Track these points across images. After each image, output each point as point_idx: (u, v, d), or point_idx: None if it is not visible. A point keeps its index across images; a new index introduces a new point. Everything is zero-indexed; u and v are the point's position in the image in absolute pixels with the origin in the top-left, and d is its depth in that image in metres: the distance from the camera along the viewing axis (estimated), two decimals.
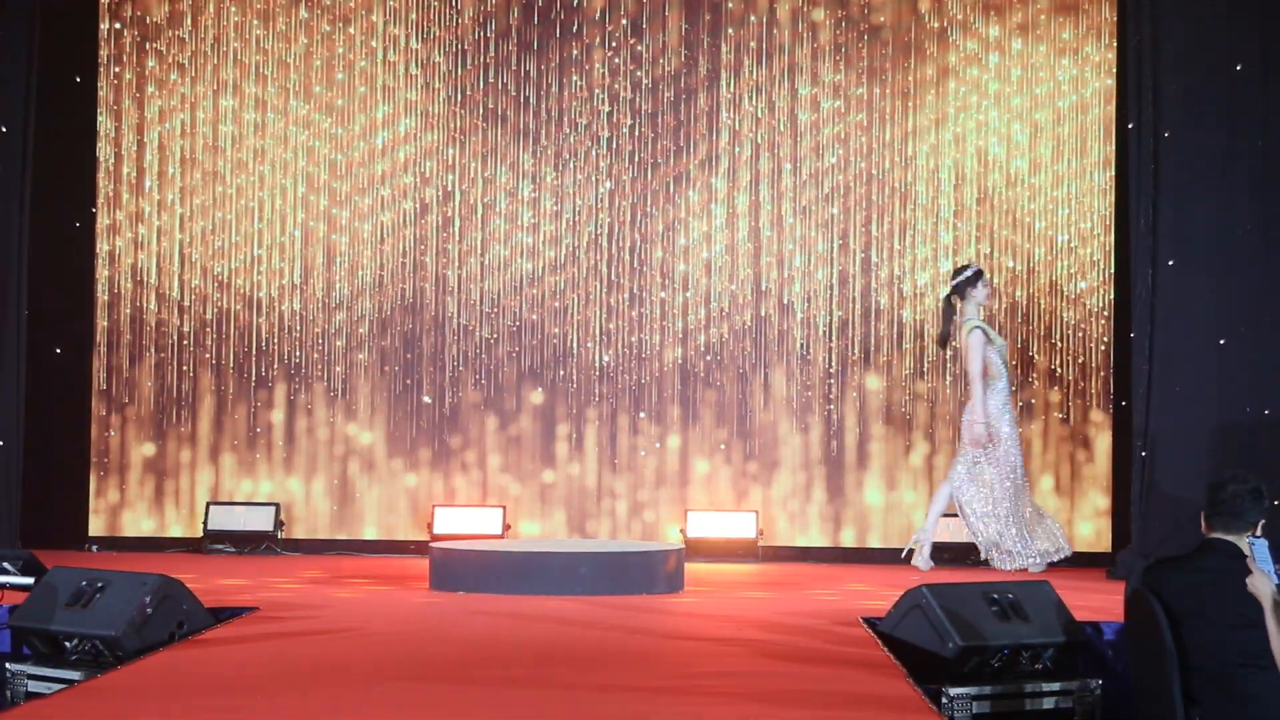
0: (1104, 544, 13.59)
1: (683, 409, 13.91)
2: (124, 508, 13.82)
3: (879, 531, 13.80)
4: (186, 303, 13.82)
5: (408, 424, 13.87)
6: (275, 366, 13.84)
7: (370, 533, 13.83)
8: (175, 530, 13.81)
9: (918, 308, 13.83)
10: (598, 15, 13.96)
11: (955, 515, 12.39)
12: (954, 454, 12.53)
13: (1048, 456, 13.76)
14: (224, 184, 13.89)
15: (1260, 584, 5.92)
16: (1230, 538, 6.35)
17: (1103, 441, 13.71)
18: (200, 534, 13.60)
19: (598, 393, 13.90)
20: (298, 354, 13.85)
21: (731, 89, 13.97)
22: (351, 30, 13.95)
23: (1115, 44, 13.65)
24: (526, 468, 13.89)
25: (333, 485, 13.86)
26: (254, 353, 13.84)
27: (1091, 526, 13.71)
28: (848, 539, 13.83)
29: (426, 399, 13.81)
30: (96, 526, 13.80)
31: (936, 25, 13.90)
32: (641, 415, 13.89)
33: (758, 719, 6.05)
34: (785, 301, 13.90)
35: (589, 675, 7.15)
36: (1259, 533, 6.42)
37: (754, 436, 13.88)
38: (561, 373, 13.90)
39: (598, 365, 13.90)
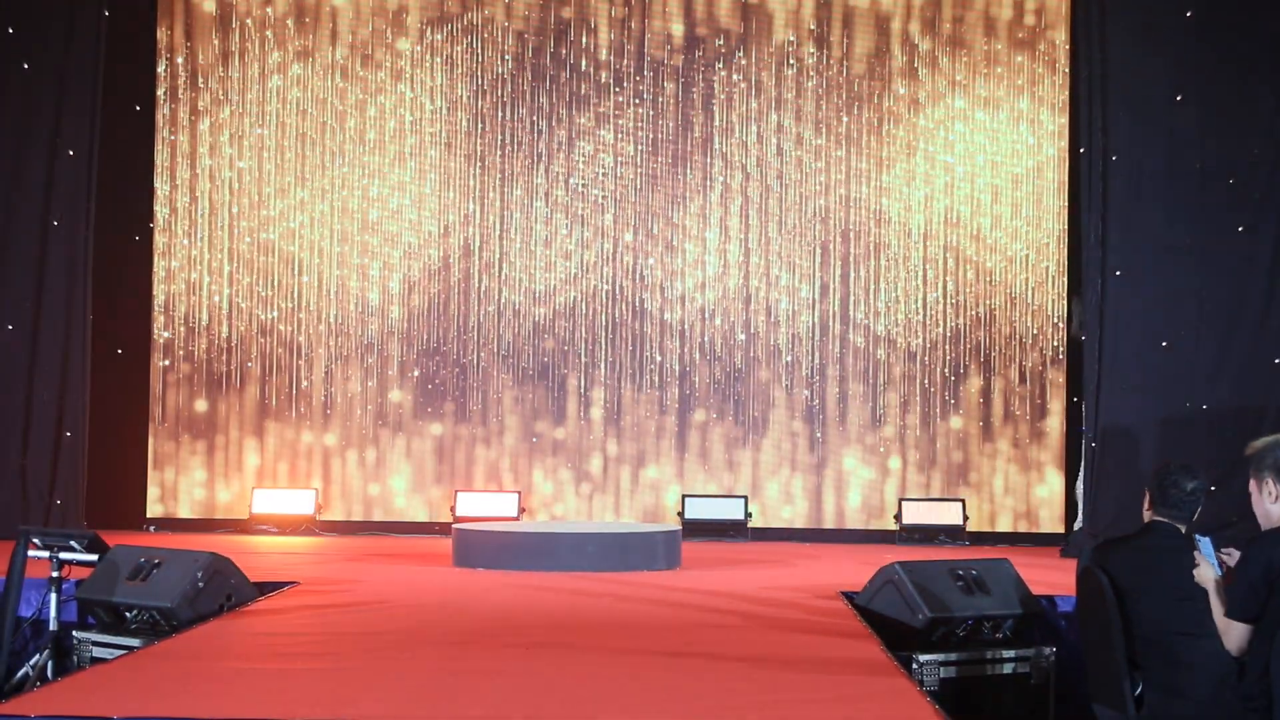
0: (1058, 525, 13.62)
1: (680, 404, 13.91)
2: (178, 492, 13.83)
3: (856, 514, 13.81)
4: (234, 311, 13.84)
5: (434, 414, 13.88)
6: (315, 368, 13.85)
7: (399, 513, 13.85)
8: (224, 512, 13.81)
9: (894, 317, 13.83)
10: (604, 54, 13.97)
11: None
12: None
13: (1011, 446, 13.78)
14: (267, 207, 13.89)
15: (1205, 573, 5.92)
16: (1171, 522, 6.34)
17: (1058, 434, 13.72)
18: (247, 516, 13.61)
19: (605, 388, 13.89)
20: (337, 348, 13.85)
21: (723, 120, 13.97)
22: (381, 75, 13.95)
23: (1069, 80, 13.70)
24: (541, 455, 13.90)
25: (367, 473, 13.87)
26: (295, 356, 13.85)
27: (1047, 510, 13.71)
28: (829, 520, 13.83)
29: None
30: (154, 509, 13.82)
31: (907, 65, 13.92)
32: (644, 410, 13.88)
33: (747, 680, 6.06)
34: (773, 317, 13.90)
35: (599, 641, 7.15)
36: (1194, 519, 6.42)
37: (746, 427, 13.88)
38: (570, 370, 13.90)
39: (604, 364, 13.89)
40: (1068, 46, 13.78)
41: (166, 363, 13.84)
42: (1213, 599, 5.88)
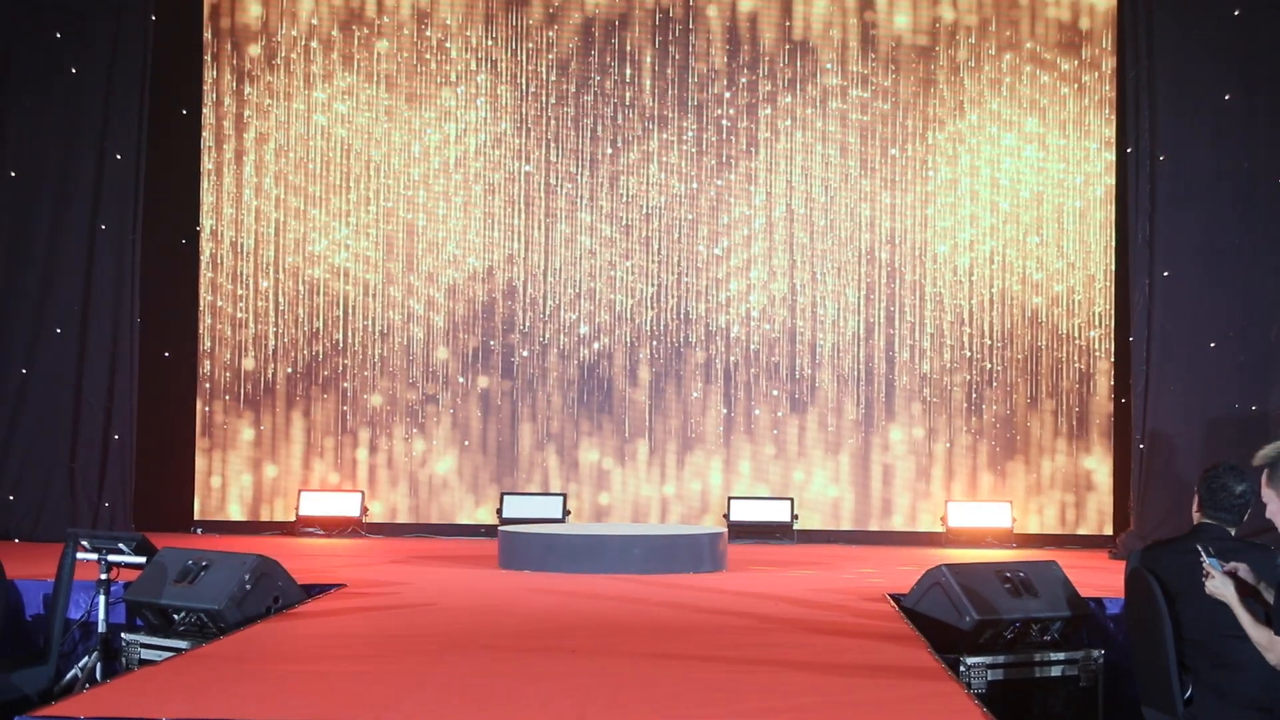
0: (1106, 527, 13.55)
1: (726, 409, 13.89)
2: (226, 495, 13.89)
3: (903, 516, 13.76)
4: (280, 316, 13.89)
5: (480, 417, 13.90)
6: (363, 366, 13.88)
7: (445, 515, 13.88)
8: (271, 515, 13.86)
9: (940, 319, 13.79)
10: (649, 59, 13.97)
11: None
12: None
13: (1058, 448, 13.71)
14: (314, 202, 13.93)
15: (1221, 588, 5.87)
16: (1219, 525, 6.31)
17: (1106, 436, 13.66)
18: (293, 518, 13.66)
19: (650, 395, 13.88)
20: (383, 353, 13.88)
21: (769, 116, 13.95)
22: (427, 83, 13.97)
23: (1116, 81, 13.63)
24: (587, 458, 13.91)
25: (413, 475, 13.90)
26: (344, 354, 13.89)
27: (1095, 512, 13.65)
28: (875, 523, 13.79)
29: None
30: (201, 512, 13.87)
31: (950, 68, 13.87)
32: (689, 417, 13.87)
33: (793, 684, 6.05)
34: (818, 326, 13.86)
35: (642, 646, 7.13)
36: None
37: (792, 430, 13.84)
38: (615, 376, 13.90)
39: (649, 373, 13.88)
40: (1114, 48, 13.71)
41: (213, 363, 13.89)
42: (1239, 612, 5.83)
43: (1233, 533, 6.25)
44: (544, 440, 13.89)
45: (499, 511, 13.51)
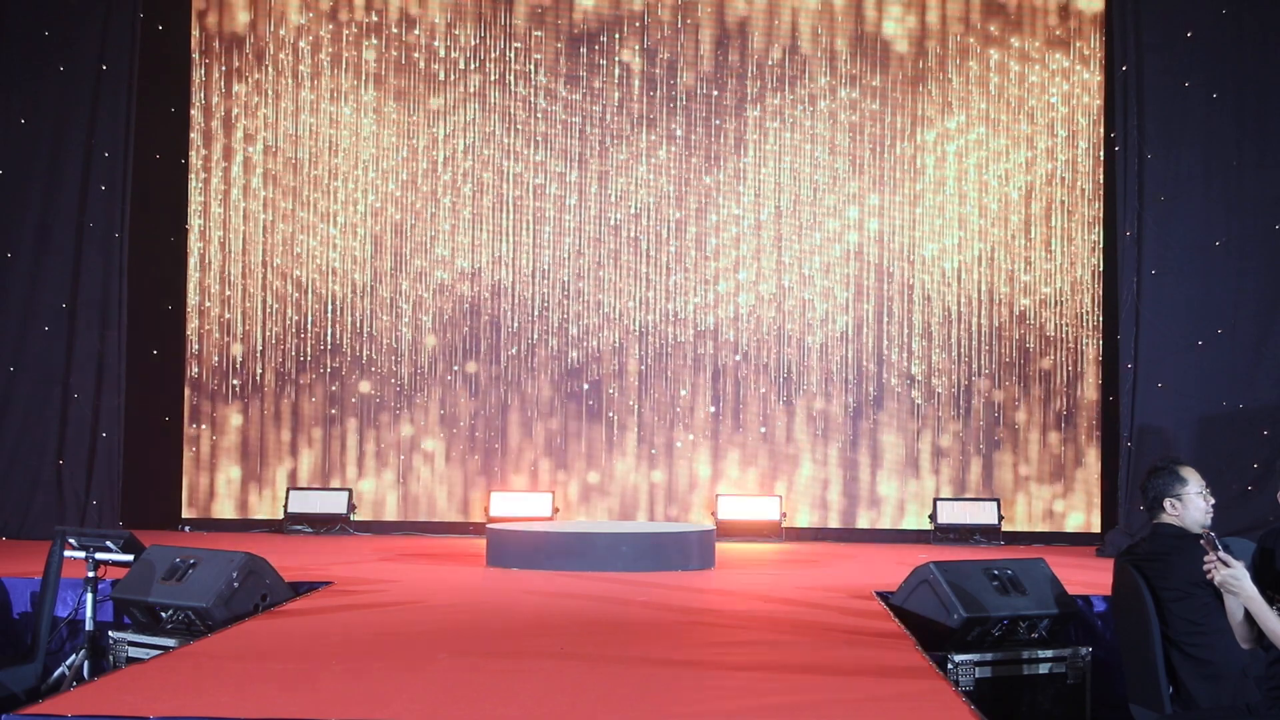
0: (1094, 525, 13.57)
1: (715, 405, 13.89)
2: (213, 493, 13.87)
3: (891, 513, 13.77)
4: (268, 313, 13.87)
5: (468, 414, 13.89)
6: (350, 365, 13.87)
7: (433, 513, 13.86)
8: (259, 513, 13.84)
9: (930, 318, 13.80)
10: (636, 85, 13.98)
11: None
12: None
13: (1046, 444, 13.73)
14: (302, 201, 13.92)
15: (1235, 579, 5.72)
16: (1170, 521, 6.36)
17: (1093, 434, 13.67)
18: (281, 516, 13.64)
19: (638, 399, 13.89)
20: (370, 353, 13.87)
21: (758, 114, 13.96)
22: (416, 84, 13.96)
23: (1104, 79, 13.66)
24: (575, 457, 13.90)
25: (401, 473, 13.89)
26: (331, 353, 13.87)
27: (1083, 509, 13.66)
28: (863, 520, 13.80)
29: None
30: (189, 509, 13.85)
31: (939, 62, 13.89)
32: (678, 410, 13.87)
33: (779, 685, 6.04)
34: (808, 326, 13.87)
35: (630, 644, 7.12)
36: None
37: (781, 430, 13.85)
38: (603, 379, 13.90)
39: (638, 379, 13.88)
40: (1103, 45, 13.73)
41: (200, 361, 13.88)
42: (1256, 605, 5.77)
43: (1183, 528, 6.31)
44: (532, 439, 13.89)
45: (487, 509, 13.50)
